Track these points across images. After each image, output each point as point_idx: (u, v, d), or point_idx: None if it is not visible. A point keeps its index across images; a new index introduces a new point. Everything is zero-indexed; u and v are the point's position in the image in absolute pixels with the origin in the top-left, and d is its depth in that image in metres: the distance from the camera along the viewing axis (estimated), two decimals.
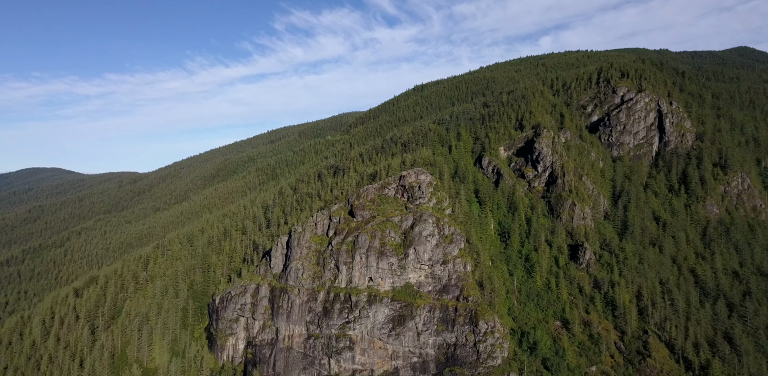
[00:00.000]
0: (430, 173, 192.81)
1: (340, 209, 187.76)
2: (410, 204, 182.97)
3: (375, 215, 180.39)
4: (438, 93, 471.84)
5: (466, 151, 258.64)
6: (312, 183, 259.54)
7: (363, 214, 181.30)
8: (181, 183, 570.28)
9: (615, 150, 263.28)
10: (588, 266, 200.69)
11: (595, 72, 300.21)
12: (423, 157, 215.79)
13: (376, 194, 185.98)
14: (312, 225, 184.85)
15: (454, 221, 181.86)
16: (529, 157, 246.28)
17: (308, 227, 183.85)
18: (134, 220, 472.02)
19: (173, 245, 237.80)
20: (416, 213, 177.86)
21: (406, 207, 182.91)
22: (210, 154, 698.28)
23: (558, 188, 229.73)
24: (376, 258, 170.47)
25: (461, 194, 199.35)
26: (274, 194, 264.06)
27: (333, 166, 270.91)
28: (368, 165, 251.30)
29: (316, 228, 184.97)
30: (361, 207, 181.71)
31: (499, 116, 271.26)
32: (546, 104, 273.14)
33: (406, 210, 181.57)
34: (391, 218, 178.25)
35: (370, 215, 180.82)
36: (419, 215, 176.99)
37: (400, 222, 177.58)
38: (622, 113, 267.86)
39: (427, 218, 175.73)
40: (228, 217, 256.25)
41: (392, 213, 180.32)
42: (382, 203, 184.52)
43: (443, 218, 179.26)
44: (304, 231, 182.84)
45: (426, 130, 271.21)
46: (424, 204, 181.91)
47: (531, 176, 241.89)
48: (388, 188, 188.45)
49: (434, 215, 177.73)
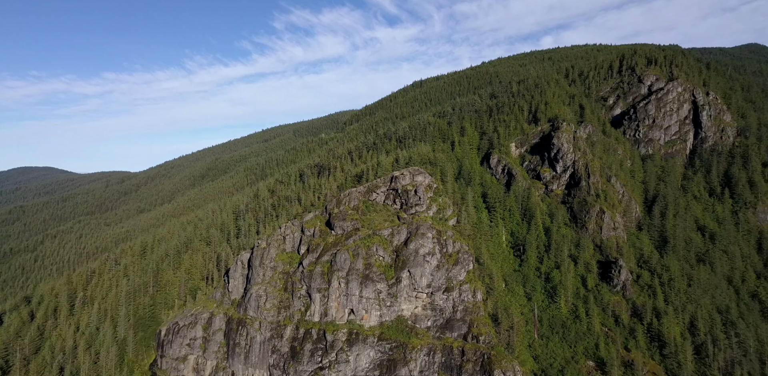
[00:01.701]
0: (429, 174, 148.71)
1: (316, 218, 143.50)
2: (404, 213, 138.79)
3: (359, 227, 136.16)
4: (438, 88, 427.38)
5: (472, 148, 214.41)
6: (292, 185, 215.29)
7: (343, 225, 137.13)
8: (169, 183, 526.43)
9: (643, 147, 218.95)
10: (624, 288, 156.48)
11: (617, 60, 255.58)
12: (421, 153, 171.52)
13: (360, 200, 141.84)
14: (279, 239, 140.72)
15: (460, 235, 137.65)
16: (545, 155, 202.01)
17: (274, 241, 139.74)
18: (115, 222, 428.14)
19: (124, 258, 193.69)
20: (411, 225, 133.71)
21: (398, 217, 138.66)
22: (202, 154, 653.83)
23: (582, 192, 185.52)
24: (359, 284, 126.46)
25: (468, 199, 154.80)
26: (248, 198, 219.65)
27: (317, 165, 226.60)
28: (358, 164, 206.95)
29: (285, 243, 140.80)
30: (342, 217, 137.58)
31: (509, 108, 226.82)
32: (563, 95, 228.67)
33: (398, 221, 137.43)
34: (379, 231, 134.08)
35: (352, 226, 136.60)
36: (415, 227, 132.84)
37: (390, 237, 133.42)
38: (650, 105, 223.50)
39: (426, 231, 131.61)
40: (192, 224, 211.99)
41: (381, 225, 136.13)
42: (369, 212, 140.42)
43: (446, 230, 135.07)
44: (268, 247, 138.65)
45: (425, 123, 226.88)
46: (421, 213, 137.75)
47: (548, 177, 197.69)
48: (376, 192, 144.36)
49: (434, 227, 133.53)
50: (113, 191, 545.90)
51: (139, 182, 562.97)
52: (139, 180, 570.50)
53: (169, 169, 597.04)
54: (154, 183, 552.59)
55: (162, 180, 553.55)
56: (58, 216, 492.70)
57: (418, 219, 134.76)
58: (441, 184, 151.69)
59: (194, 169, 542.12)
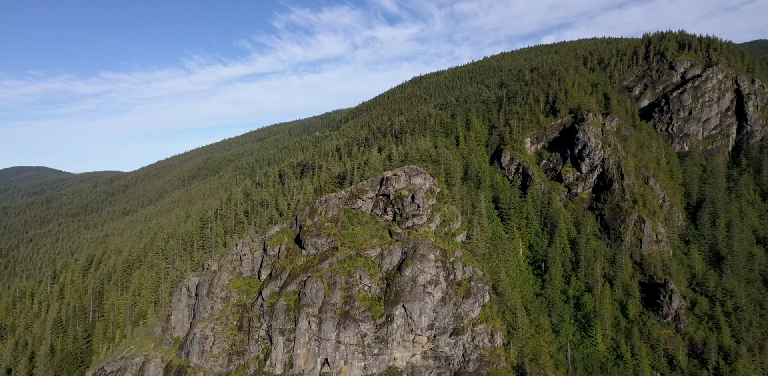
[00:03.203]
0: (430, 174, 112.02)
1: (282, 233, 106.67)
2: (397, 227, 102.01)
3: (337, 246, 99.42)
4: (438, 83, 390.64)
5: (479, 143, 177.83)
6: (270, 187, 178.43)
7: (317, 243, 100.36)
8: (158, 184, 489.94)
9: (678, 143, 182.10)
10: (678, 319, 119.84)
11: (642, 45, 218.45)
12: (420, 149, 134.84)
13: (341, 209, 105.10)
14: (234, 260, 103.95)
15: (472, 256, 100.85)
16: (567, 153, 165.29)
17: (228, 263, 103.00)
18: (95, 225, 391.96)
19: (65, 274, 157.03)
20: (407, 243, 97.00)
21: (390, 232, 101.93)
22: (195, 153, 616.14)
23: (614, 196, 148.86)
24: (335, 324, 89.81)
25: (481, 207, 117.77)
26: (220, 202, 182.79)
27: (300, 164, 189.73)
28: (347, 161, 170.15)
29: (241, 265, 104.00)
30: (315, 231, 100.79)
31: (523, 98, 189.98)
32: (584, 83, 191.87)
33: (390, 237, 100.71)
34: (364, 252, 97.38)
35: (328, 245, 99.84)
36: (413, 246, 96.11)
37: (379, 259, 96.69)
38: (686, 95, 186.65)
39: (427, 251, 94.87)
40: (151, 233, 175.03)
41: (367, 242, 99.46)
42: (351, 225, 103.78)
43: (453, 250, 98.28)
44: (220, 271, 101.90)
45: (425, 116, 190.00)
46: (420, 227, 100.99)
47: (571, 179, 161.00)
48: (361, 198, 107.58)
49: (438, 246, 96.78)
50: (100, 192, 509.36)
51: (128, 183, 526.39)
52: (128, 180, 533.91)
53: (160, 169, 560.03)
54: (143, 183, 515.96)
55: (151, 180, 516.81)
56: (41, 218, 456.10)
57: (417, 235, 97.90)
58: (446, 187, 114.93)
59: (185, 169, 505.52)
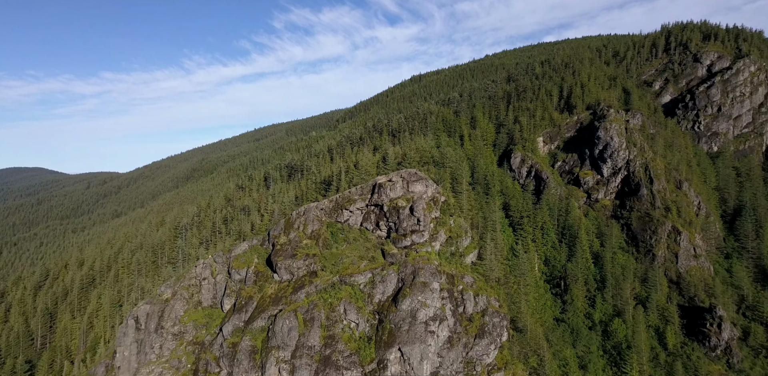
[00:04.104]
0: (432, 180, 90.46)
1: (251, 251, 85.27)
2: (392, 246, 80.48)
3: (317, 270, 78.04)
4: (438, 81, 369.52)
5: (486, 143, 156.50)
6: (254, 191, 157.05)
7: (292, 266, 78.93)
8: (151, 185, 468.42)
9: (705, 143, 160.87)
10: (729, 352, 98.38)
11: (662, 37, 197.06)
12: (420, 149, 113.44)
13: (323, 222, 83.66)
14: (192, 285, 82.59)
15: (485, 282, 79.47)
16: (586, 153, 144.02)
17: (184, 289, 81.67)
18: (82, 228, 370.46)
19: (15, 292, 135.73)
20: (405, 267, 75.53)
21: (383, 252, 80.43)
22: (191, 154, 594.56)
23: (643, 203, 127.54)
24: (313, 372, 68.33)
25: (495, 218, 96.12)
26: (198, 208, 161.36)
27: (288, 165, 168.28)
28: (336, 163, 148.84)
29: (200, 292, 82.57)
30: (290, 251, 79.36)
31: (534, 93, 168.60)
32: (601, 76, 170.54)
33: (383, 259, 79.25)
34: (350, 278, 75.96)
35: (306, 268, 78.45)
36: (411, 271, 74.66)
37: (370, 287, 75.32)
38: (714, 89, 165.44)
39: (429, 278, 73.46)
40: (118, 244, 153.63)
41: (354, 266, 78.02)
42: (335, 243, 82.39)
43: (462, 275, 76.87)
44: (173, 299, 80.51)
45: (425, 113, 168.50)
46: (421, 246, 79.55)
47: (591, 183, 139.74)
48: (348, 208, 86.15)
49: (443, 271, 75.36)
50: (92, 193, 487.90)
51: (121, 184, 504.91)
52: (122, 182, 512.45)
53: (154, 169, 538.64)
54: (136, 185, 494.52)
55: (145, 181, 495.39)
56: (30, 220, 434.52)
57: (416, 257, 76.48)
58: (451, 196, 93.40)
59: (178, 170, 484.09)
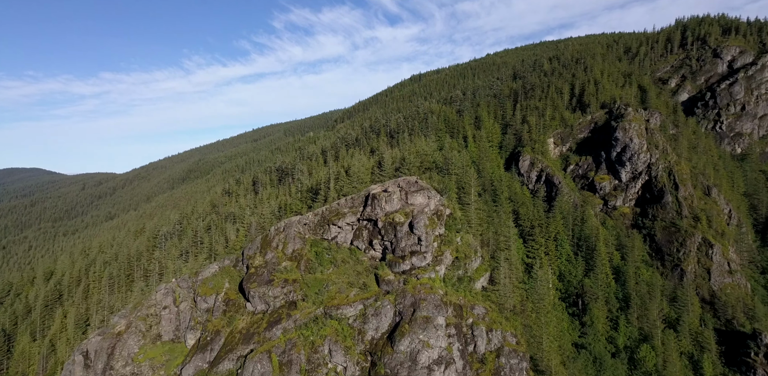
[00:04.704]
0: (435, 190, 76.32)
1: (222, 274, 71.30)
2: (388, 270, 66.48)
3: (297, 299, 64.05)
4: (439, 81, 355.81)
5: (491, 145, 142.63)
6: (242, 197, 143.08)
7: (267, 295, 64.95)
8: (147, 186, 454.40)
9: (728, 144, 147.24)
10: None
11: (677, 31, 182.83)
12: (420, 152, 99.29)
13: (307, 240, 69.66)
14: (152, 315, 68.63)
15: (499, 312, 65.53)
16: (602, 156, 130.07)
17: (140, 319, 67.68)
18: (73, 231, 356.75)
19: None
20: (403, 297, 61.49)
21: (377, 277, 66.32)
22: (188, 154, 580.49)
23: (667, 212, 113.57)
24: None
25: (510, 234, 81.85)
26: (181, 215, 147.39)
27: (279, 169, 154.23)
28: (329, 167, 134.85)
29: (159, 323, 68.54)
30: (266, 276, 65.40)
31: (542, 91, 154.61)
32: (615, 73, 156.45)
33: (377, 286, 65.26)
34: (337, 310, 61.91)
35: (284, 297, 64.48)
36: (411, 302, 60.57)
37: (360, 322, 61.27)
38: (737, 87, 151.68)
39: (433, 311, 59.43)
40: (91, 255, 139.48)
41: (342, 295, 64.03)
42: (320, 266, 68.37)
43: (472, 305, 62.85)
44: (127, 332, 66.41)
45: (425, 112, 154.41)
46: (423, 271, 65.49)
47: (608, 188, 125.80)
48: (336, 224, 72.12)
49: (449, 302, 61.35)
50: (87, 195, 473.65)
51: (116, 185, 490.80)
52: (117, 182, 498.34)
53: (150, 170, 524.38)
54: (132, 186, 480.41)
55: (141, 182, 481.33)
56: (22, 223, 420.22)
57: (417, 285, 62.51)
58: (458, 208, 79.25)
59: (175, 171, 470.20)
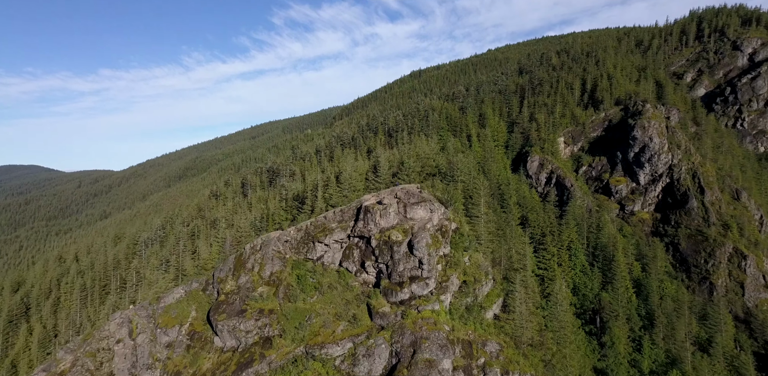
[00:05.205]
0: (439, 201, 64.64)
1: (188, 300, 59.89)
2: (384, 299, 54.98)
3: (272, 335, 52.57)
4: (439, 77, 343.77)
5: (497, 144, 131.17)
6: (230, 200, 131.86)
7: (238, 329, 53.45)
8: (144, 184, 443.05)
9: (750, 142, 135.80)
10: None
11: (692, 23, 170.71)
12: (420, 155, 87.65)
13: (288, 261, 58.16)
14: (103, 350, 57.12)
15: (515, 347, 53.86)
16: (617, 156, 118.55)
17: (88, 355, 56.16)
18: (66, 231, 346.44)
19: None
20: (402, 334, 49.93)
21: (370, 308, 54.79)
22: (185, 152, 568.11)
23: (692, 218, 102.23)
24: None
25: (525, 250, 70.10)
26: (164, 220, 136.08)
27: (270, 169, 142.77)
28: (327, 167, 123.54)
29: (113, 359, 57.00)
30: (237, 305, 53.99)
31: (551, 86, 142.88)
32: (629, 67, 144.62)
33: (370, 319, 53.70)
34: (321, 350, 50.42)
35: (258, 332, 53.00)
36: (411, 340, 48.98)
37: (349, 364, 49.87)
38: (760, 81, 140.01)
39: (437, 352, 47.95)
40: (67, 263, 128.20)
41: (328, 330, 52.51)
42: (304, 291, 57.00)
43: (484, 341, 51.30)
44: (70, 372, 54.78)
45: (426, 109, 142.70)
46: (425, 301, 54.05)
47: (624, 192, 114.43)
48: (322, 241, 60.55)
49: (457, 339, 49.70)
50: (83, 193, 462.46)
51: (112, 183, 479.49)
52: (114, 180, 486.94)
53: (148, 168, 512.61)
54: (128, 184, 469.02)
55: (137, 180, 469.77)
56: (15, 221, 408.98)
57: (418, 319, 51.12)
58: (464, 221, 67.65)
59: (171, 169, 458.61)
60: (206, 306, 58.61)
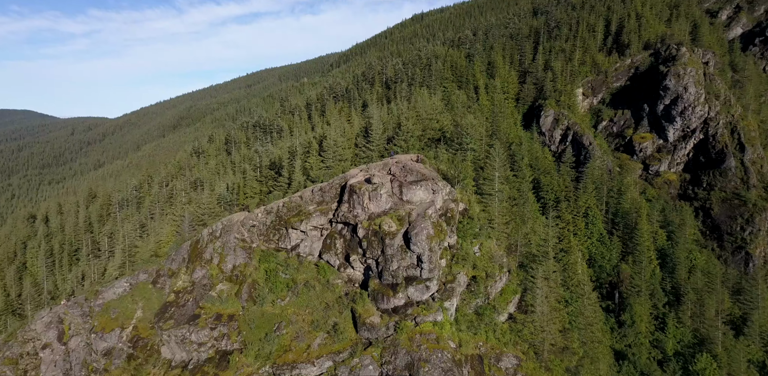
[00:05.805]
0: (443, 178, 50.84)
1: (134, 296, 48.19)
2: (371, 306, 42.86)
3: (232, 350, 40.85)
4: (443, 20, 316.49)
5: (507, 97, 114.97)
6: (212, 158, 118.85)
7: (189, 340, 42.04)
8: (137, 133, 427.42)
9: None
10: None
11: None
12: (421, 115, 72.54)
13: (255, 251, 45.51)
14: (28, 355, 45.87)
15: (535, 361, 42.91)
16: (644, 109, 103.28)
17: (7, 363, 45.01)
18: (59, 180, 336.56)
19: None
20: (395, 351, 38.72)
21: (355, 318, 42.67)
22: (180, 100, 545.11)
23: (728, 179, 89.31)
24: None
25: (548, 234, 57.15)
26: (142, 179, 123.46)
27: (257, 124, 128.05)
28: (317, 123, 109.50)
29: (38, 368, 46.02)
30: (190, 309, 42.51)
31: (570, 28, 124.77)
32: (659, 3, 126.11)
33: (355, 331, 41.76)
34: (292, 370, 38.99)
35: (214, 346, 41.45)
36: (407, 361, 37.96)
37: None
38: None
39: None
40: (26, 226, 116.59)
41: (301, 345, 40.97)
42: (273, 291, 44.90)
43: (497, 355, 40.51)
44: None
45: (428, 57, 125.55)
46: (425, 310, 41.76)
47: (650, 150, 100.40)
48: (298, 227, 47.50)
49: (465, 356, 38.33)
50: (76, 141, 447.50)
51: (106, 131, 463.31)
52: (107, 128, 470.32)
53: (141, 116, 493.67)
54: (122, 132, 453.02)
55: (131, 129, 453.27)
56: (8, 169, 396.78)
57: (416, 334, 39.46)
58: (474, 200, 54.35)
59: (165, 118, 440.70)
60: (156, 304, 47.40)
